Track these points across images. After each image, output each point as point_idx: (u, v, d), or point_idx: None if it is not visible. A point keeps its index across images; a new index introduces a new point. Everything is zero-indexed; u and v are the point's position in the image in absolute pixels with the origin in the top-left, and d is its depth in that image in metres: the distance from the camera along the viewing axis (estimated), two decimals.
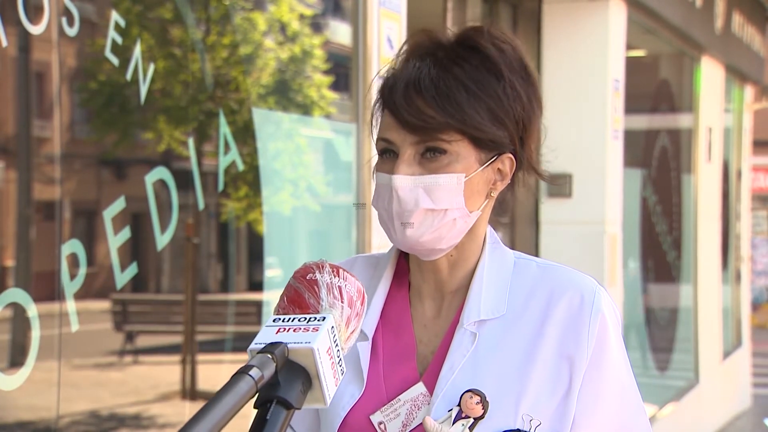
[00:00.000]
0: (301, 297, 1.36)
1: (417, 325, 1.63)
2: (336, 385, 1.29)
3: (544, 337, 1.57)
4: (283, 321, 1.31)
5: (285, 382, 1.24)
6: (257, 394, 1.22)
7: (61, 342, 2.85)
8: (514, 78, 1.57)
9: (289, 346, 1.26)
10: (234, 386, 1.18)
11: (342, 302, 1.34)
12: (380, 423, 1.57)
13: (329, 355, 1.28)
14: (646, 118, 8.31)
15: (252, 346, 1.27)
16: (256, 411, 1.25)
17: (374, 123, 1.63)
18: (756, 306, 17.02)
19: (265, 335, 1.29)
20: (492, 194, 1.60)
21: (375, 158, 1.63)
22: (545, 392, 1.55)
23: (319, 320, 1.30)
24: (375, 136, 1.62)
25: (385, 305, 1.65)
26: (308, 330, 1.28)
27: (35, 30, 2.77)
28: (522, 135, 1.59)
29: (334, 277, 1.36)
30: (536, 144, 1.63)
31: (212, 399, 1.16)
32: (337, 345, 1.30)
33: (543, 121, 1.64)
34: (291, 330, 1.29)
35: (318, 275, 1.37)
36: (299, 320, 1.31)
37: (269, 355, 1.24)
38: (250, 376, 1.20)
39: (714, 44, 8.81)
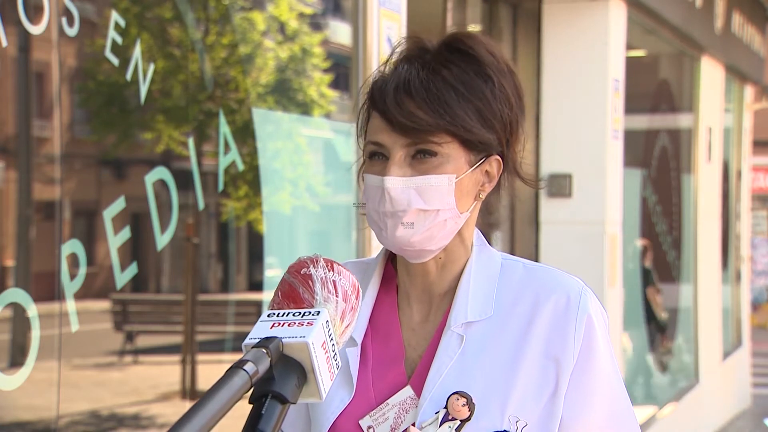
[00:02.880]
0: (295, 292, 1.35)
1: (405, 329, 1.63)
2: (331, 379, 1.29)
3: (530, 338, 1.57)
4: (277, 316, 1.31)
5: (280, 377, 1.23)
6: (252, 389, 1.22)
7: (61, 342, 2.85)
8: (501, 80, 1.57)
9: (283, 340, 1.26)
10: (228, 381, 1.18)
11: (337, 296, 1.34)
12: (369, 427, 1.57)
13: (324, 349, 1.28)
14: (646, 118, 8.31)
15: (246, 341, 1.27)
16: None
17: (360, 125, 1.63)
18: (756, 306, 17.02)
19: (260, 330, 1.29)
20: (480, 196, 1.60)
21: (358, 163, 1.63)
22: (531, 393, 1.55)
23: (313, 315, 1.30)
24: (361, 140, 1.62)
25: (373, 310, 1.65)
26: (303, 324, 1.28)
27: (35, 30, 2.77)
28: (509, 137, 1.60)
29: (329, 271, 1.36)
30: (520, 149, 1.64)
31: (206, 394, 1.16)
32: (332, 339, 1.30)
33: (525, 127, 1.64)
34: (285, 325, 1.28)
35: (312, 270, 1.36)
36: (294, 315, 1.30)
37: (264, 350, 1.23)
38: (245, 370, 1.20)
39: (714, 44, 8.81)
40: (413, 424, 1.54)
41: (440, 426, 1.52)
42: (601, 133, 6.24)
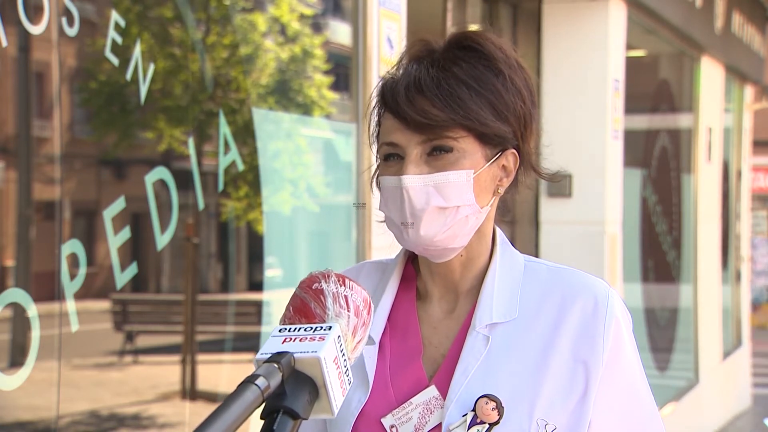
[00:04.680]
0: (307, 307, 1.35)
1: (426, 327, 1.63)
2: (343, 395, 1.28)
3: (557, 341, 1.57)
4: (289, 331, 1.31)
5: (292, 392, 1.23)
6: (264, 404, 1.21)
7: (61, 342, 2.84)
8: (511, 74, 1.58)
9: (295, 355, 1.25)
10: (240, 395, 1.17)
11: (348, 311, 1.34)
12: (392, 426, 1.57)
13: (336, 364, 1.27)
14: (646, 118, 8.31)
15: (258, 356, 1.26)
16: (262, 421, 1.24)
17: (372, 131, 1.63)
18: (756, 306, 17.02)
19: (271, 345, 1.28)
20: (499, 191, 1.60)
21: (373, 167, 1.63)
22: (560, 397, 1.55)
23: (325, 330, 1.29)
24: (374, 144, 1.62)
25: (392, 309, 1.65)
26: (314, 339, 1.28)
27: (35, 30, 2.77)
28: (523, 131, 1.60)
29: (340, 286, 1.36)
30: (535, 143, 1.64)
31: (218, 408, 1.15)
32: (343, 354, 1.30)
33: (540, 122, 1.65)
34: (297, 340, 1.28)
35: (324, 285, 1.36)
36: (305, 330, 1.30)
37: (275, 365, 1.23)
38: (257, 385, 1.19)
39: (714, 44, 8.81)
40: (440, 425, 1.54)
41: (468, 429, 1.51)
42: (601, 133, 6.24)
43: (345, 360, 1.30)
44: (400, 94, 1.54)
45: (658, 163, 8.32)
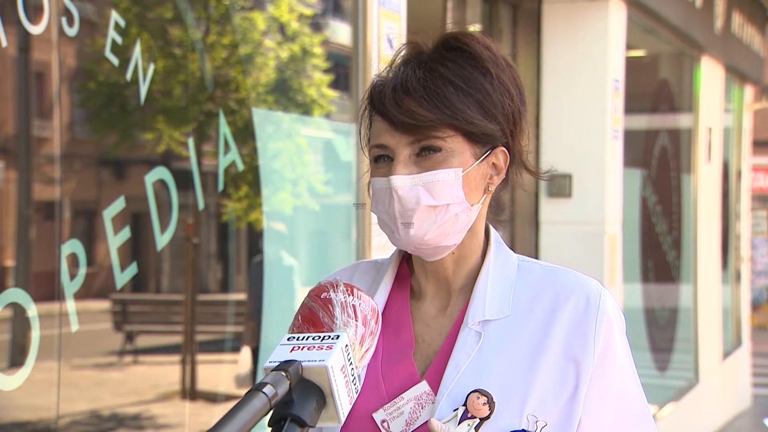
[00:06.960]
0: (315, 316, 1.37)
1: (419, 324, 1.64)
2: (350, 403, 1.30)
3: (549, 339, 1.57)
4: (297, 339, 1.33)
5: (299, 400, 1.25)
6: (271, 412, 1.23)
7: (61, 342, 2.84)
8: (498, 73, 1.59)
9: (303, 364, 1.27)
10: (248, 403, 1.19)
11: (356, 321, 1.36)
12: (383, 421, 1.57)
13: (343, 373, 1.29)
14: (646, 118, 8.31)
15: (266, 364, 1.28)
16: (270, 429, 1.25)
17: (362, 133, 1.64)
18: (756, 306, 17.03)
19: (280, 353, 1.30)
20: (490, 188, 1.61)
21: (368, 174, 1.64)
22: (551, 394, 1.55)
23: (333, 338, 1.32)
24: (366, 147, 1.63)
25: (385, 307, 1.66)
26: (322, 348, 1.30)
27: (35, 30, 2.77)
28: (512, 129, 1.61)
29: (349, 296, 1.38)
30: (525, 141, 1.65)
31: (226, 415, 1.16)
32: (351, 363, 1.32)
33: (529, 119, 1.66)
34: (305, 348, 1.30)
35: (332, 294, 1.38)
36: (313, 339, 1.32)
37: (283, 373, 1.25)
38: (264, 393, 1.21)
39: (714, 44, 8.81)
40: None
41: (459, 424, 1.52)
42: (601, 133, 6.24)
43: (352, 368, 1.32)
44: (387, 96, 1.56)
45: (658, 163, 8.32)
